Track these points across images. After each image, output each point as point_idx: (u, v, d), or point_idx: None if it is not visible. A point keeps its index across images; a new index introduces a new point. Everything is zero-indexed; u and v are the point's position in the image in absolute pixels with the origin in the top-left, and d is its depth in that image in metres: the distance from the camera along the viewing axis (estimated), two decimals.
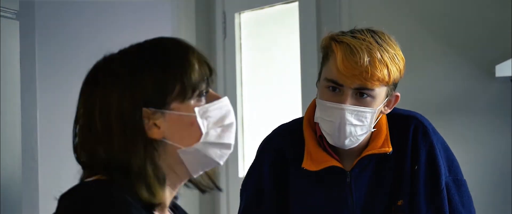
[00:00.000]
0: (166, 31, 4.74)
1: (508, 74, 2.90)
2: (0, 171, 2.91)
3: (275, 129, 2.21)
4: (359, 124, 1.99)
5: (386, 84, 1.99)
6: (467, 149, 3.10)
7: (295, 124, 2.16)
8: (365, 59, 1.93)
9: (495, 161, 3.11)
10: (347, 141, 2.00)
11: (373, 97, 1.98)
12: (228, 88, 4.03)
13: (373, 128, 2.03)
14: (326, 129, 2.01)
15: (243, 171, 3.98)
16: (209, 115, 1.47)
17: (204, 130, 1.45)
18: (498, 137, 3.09)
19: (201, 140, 1.45)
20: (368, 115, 1.99)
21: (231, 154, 4.78)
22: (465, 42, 3.16)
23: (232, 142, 1.51)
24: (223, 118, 1.49)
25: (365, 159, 2.06)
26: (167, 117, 1.42)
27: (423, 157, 2.06)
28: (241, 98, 3.99)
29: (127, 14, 5.60)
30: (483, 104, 3.12)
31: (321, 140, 2.08)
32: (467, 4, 3.15)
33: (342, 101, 1.97)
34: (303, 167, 2.06)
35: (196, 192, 4.83)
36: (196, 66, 1.47)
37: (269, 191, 2.13)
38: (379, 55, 1.95)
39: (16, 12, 3.97)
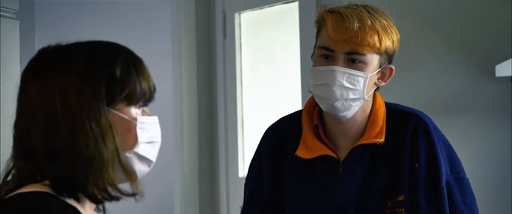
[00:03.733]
0: (166, 31, 4.74)
1: (508, 74, 2.90)
2: (1, 171, 2.91)
3: (276, 120, 2.24)
4: (351, 88, 2.00)
5: (378, 51, 2.01)
6: (467, 149, 3.10)
7: (295, 115, 2.19)
8: (355, 25, 1.97)
9: (495, 161, 3.12)
10: (339, 104, 2.01)
11: (364, 63, 2.00)
12: (228, 88, 4.03)
13: (367, 98, 2.04)
14: (319, 93, 2.03)
15: (243, 171, 3.98)
16: (144, 128, 1.45)
17: (139, 140, 1.44)
18: (498, 137, 3.09)
19: (134, 149, 1.44)
20: (360, 80, 2.00)
21: (231, 154, 4.75)
22: (465, 42, 3.16)
23: (154, 160, 1.49)
24: (154, 135, 1.48)
25: (358, 149, 2.06)
26: (110, 116, 1.41)
27: (423, 155, 2.06)
28: (241, 98, 4.00)
29: (127, 14, 5.61)
30: (483, 104, 3.12)
31: (317, 129, 2.09)
32: (467, 4, 3.16)
33: (334, 65, 2.00)
34: (297, 155, 2.08)
35: (196, 191, 4.80)
36: (148, 76, 1.46)
37: (267, 180, 2.16)
38: (369, 22, 1.99)
39: (16, 12, 3.98)
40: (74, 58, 1.42)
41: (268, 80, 3.92)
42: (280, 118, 2.25)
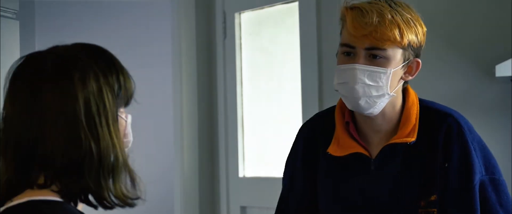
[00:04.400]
0: (166, 31, 4.74)
1: (508, 74, 2.90)
2: (1, 171, 2.91)
3: (312, 116, 2.23)
4: (373, 85, 1.98)
5: (400, 45, 1.98)
6: None
7: (330, 111, 2.17)
8: (375, 19, 1.94)
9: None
10: (362, 102, 1.99)
11: (386, 58, 1.98)
12: (228, 88, 4.03)
13: (393, 93, 2.02)
14: (342, 93, 2.02)
15: (243, 171, 3.98)
16: (129, 126, 1.49)
17: (131, 138, 1.47)
18: (498, 137, 3.09)
19: (129, 147, 1.47)
20: (382, 76, 1.98)
21: (231, 154, 4.73)
22: (465, 42, 3.16)
23: None
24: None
25: (390, 148, 2.04)
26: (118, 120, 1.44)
27: (455, 155, 2.03)
28: (241, 98, 3.99)
29: (127, 14, 5.61)
30: (483, 104, 3.12)
31: (348, 126, 2.08)
32: (467, 4, 3.16)
33: (354, 62, 1.98)
34: (328, 152, 2.07)
35: (196, 191, 4.78)
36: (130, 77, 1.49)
37: (300, 178, 2.15)
38: (390, 16, 1.96)
39: (16, 12, 3.98)
40: (87, 65, 1.40)
41: (268, 80, 3.93)
42: (315, 115, 2.24)
